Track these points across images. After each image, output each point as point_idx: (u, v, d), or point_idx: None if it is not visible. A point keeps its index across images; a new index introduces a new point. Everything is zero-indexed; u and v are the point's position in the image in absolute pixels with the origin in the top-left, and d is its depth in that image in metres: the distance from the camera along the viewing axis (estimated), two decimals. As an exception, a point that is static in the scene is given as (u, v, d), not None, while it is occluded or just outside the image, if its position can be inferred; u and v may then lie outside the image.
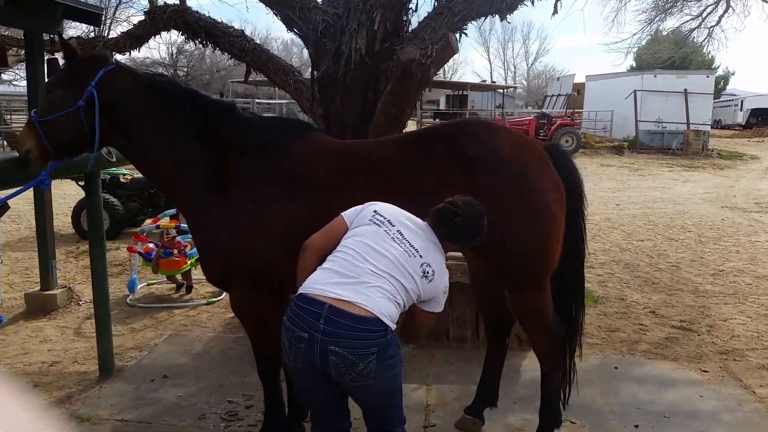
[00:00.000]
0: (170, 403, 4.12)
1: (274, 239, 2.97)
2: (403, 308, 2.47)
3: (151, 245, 6.64)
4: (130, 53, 6.35)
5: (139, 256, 6.57)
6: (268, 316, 3.12)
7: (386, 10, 4.25)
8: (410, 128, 3.98)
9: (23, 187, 3.19)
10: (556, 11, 5.23)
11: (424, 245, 2.52)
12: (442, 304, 2.60)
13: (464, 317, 4.93)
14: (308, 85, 5.06)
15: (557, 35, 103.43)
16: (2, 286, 6.73)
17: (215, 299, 6.28)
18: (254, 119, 3.19)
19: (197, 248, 3.29)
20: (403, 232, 2.51)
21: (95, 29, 6.42)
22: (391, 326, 2.37)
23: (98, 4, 12.49)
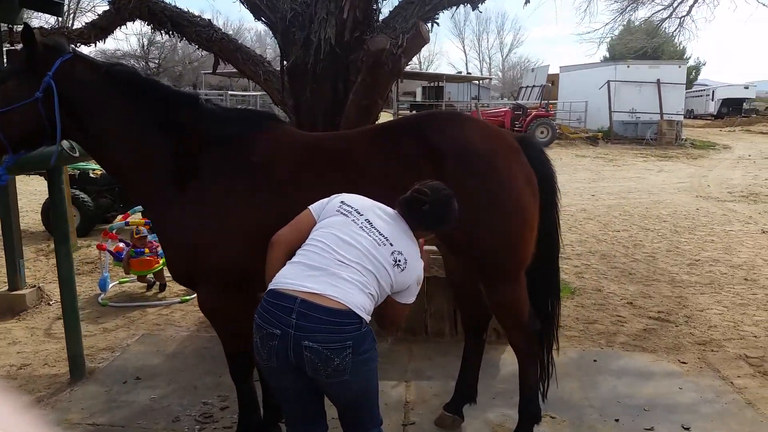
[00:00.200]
0: (143, 405, 4.02)
1: (238, 235, 2.88)
2: (376, 300, 2.40)
3: (121, 244, 6.48)
4: (95, 44, 6.18)
5: (109, 254, 6.41)
6: (237, 314, 3.04)
7: (355, -2, 4.15)
8: (387, 120, 3.88)
9: None
10: (528, 1, 5.17)
11: (394, 233, 2.44)
12: (414, 294, 2.52)
13: (442, 311, 4.88)
14: (278, 75, 4.94)
15: (531, 26, 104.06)
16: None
17: (189, 297, 6.13)
18: (218, 111, 3.07)
19: (161, 245, 3.18)
20: (371, 220, 2.44)
21: (58, 19, 6.17)
22: (365, 318, 2.30)
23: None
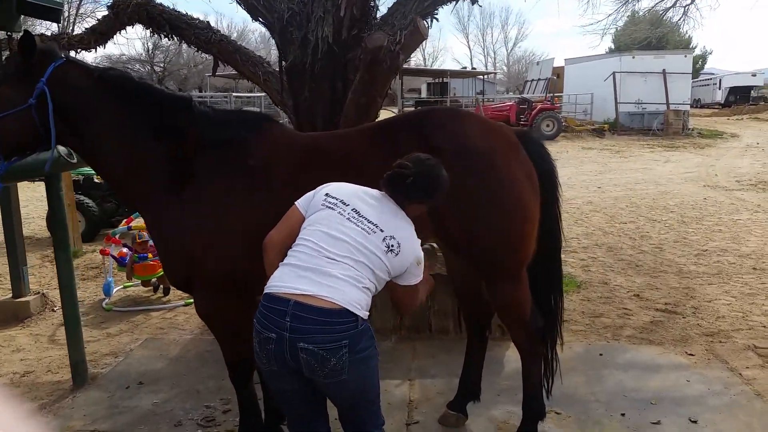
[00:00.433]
0: (145, 410, 4.00)
1: (235, 238, 2.84)
2: (375, 291, 2.36)
3: (125, 249, 6.47)
4: (96, 49, 6.20)
5: (112, 259, 6.40)
6: (235, 318, 3.01)
7: (352, -5, 4.11)
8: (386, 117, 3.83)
9: None
10: None
11: (384, 217, 2.39)
12: (418, 275, 2.45)
13: (446, 308, 4.83)
14: (277, 76, 4.91)
15: (535, 19, 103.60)
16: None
17: (192, 300, 6.12)
18: (212, 113, 3.03)
19: (157, 250, 3.15)
20: (358, 209, 2.38)
21: (59, 25, 6.19)
22: (361, 315, 2.27)
23: (62, -1, 12.13)
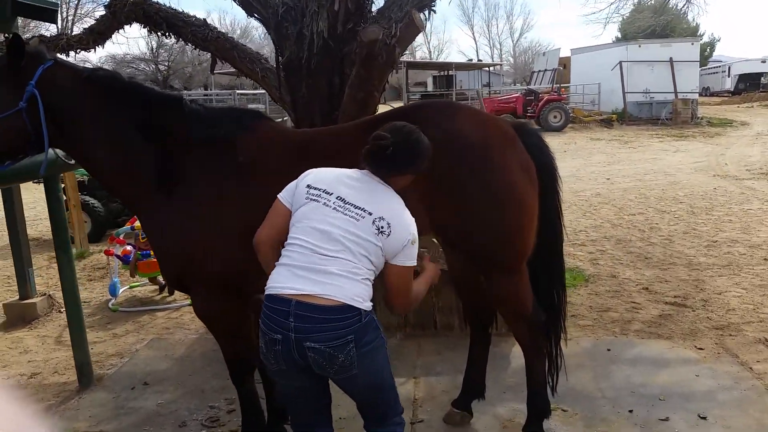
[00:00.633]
0: (150, 411, 4.00)
1: (228, 237, 2.82)
2: (375, 274, 2.34)
3: (129, 248, 6.47)
4: (95, 49, 6.16)
5: (117, 258, 6.40)
6: (232, 318, 3.00)
7: (346, -12, 4.05)
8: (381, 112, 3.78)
9: None
10: None
11: (370, 199, 2.33)
12: (413, 257, 2.38)
13: (450, 305, 4.79)
14: (275, 72, 4.87)
15: (540, 9, 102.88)
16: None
17: (197, 299, 6.11)
18: (203, 111, 2.99)
19: (153, 251, 3.13)
20: (343, 196, 2.33)
21: (58, 26, 6.16)
22: (363, 308, 2.25)
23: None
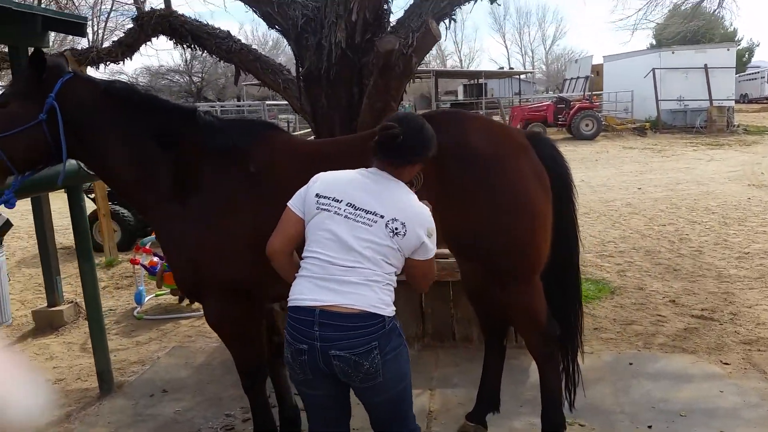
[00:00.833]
0: (167, 418, 4.04)
1: (239, 246, 2.85)
2: (396, 273, 2.34)
3: (155, 258, 6.54)
4: (124, 62, 6.30)
5: (143, 268, 6.49)
6: (243, 326, 3.02)
7: (364, -1, 4.06)
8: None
9: None
10: None
11: (381, 199, 2.30)
12: (432, 249, 2.36)
13: (469, 316, 4.72)
14: (296, 83, 4.91)
15: (572, 16, 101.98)
16: (14, 303, 6.74)
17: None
18: (216, 122, 3.05)
19: (166, 260, 3.17)
20: (353, 201, 2.30)
21: (89, 40, 6.33)
22: (386, 314, 2.25)
23: (91, 13, 12.46)
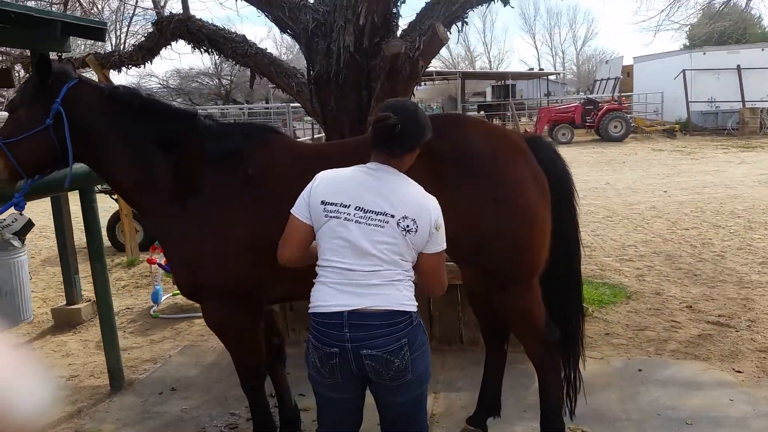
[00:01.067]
0: (174, 416, 4.10)
1: (239, 249, 2.88)
2: (412, 264, 2.33)
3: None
4: (144, 65, 6.41)
5: (159, 267, 6.58)
6: (243, 328, 3.05)
7: (372, 3, 4.05)
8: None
9: None
10: None
11: (389, 196, 2.26)
12: (442, 242, 2.33)
13: (476, 319, 4.69)
14: (308, 86, 4.95)
15: (604, 17, 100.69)
16: (36, 300, 6.89)
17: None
18: (216, 127, 3.09)
19: (167, 261, 3.22)
20: (361, 204, 2.27)
21: (112, 45, 6.45)
22: (411, 309, 2.27)
23: (113, 17, 12.68)
